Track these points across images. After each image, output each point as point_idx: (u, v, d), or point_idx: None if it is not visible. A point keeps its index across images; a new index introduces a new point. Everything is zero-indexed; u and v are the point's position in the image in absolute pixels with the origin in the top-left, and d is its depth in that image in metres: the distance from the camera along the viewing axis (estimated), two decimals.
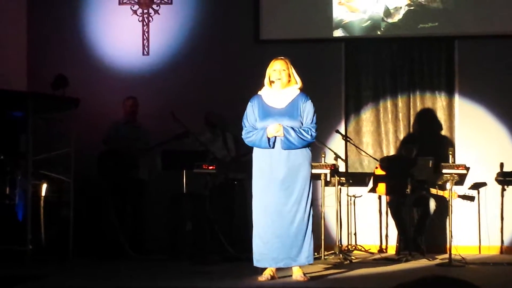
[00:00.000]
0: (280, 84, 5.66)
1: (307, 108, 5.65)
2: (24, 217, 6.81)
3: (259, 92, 5.78)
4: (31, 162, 6.75)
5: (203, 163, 7.19)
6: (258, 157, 5.67)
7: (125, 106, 8.21)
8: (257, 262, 5.61)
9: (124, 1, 8.91)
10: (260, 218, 5.59)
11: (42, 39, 8.85)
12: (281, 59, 5.71)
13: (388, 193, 7.87)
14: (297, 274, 5.59)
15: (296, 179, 5.56)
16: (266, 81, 5.72)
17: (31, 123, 6.77)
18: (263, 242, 5.55)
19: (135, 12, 8.88)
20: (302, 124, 5.61)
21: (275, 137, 5.55)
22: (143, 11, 8.88)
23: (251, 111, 5.70)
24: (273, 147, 5.56)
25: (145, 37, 8.84)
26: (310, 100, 5.68)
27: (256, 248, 5.59)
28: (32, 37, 8.89)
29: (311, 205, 5.64)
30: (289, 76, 5.68)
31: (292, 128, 5.53)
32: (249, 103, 5.74)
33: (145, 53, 8.82)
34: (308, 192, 5.60)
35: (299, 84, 5.72)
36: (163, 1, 8.90)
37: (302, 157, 5.61)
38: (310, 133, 5.58)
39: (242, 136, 5.74)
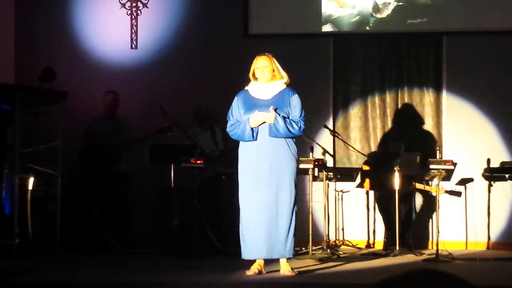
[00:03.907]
0: (264, 80, 5.69)
1: (294, 102, 5.68)
2: (11, 211, 6.78)
3: (246, 87, 5.80)
4: (18, 156, 6.71)
5: (191, 157, 7.18)
6: (244, 151, 5.68)
7: (105, 100, 8.15)
8: (244, 254, 5.62)
9: None
10: (247, 211, 5.59)
11: (30, 32, 8.80)
12: (264, 55, 5.73)
13: (375, 188, 7.88)
14: (284, 269, 5.59)
15: (281, 173, 5.57)
16: (250, 76, 5.75)
17: (19, 116, 6.74)
18: (251, 235, 5.55)
19: (123, 5, 8.84)
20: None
21: (258, 128, 5.56)
22: (131, 4, 8.84)
23: (236, 105, 5.74)
24: (255, 139, 5.57)
25: (133, 31, 8.81)
26: (297, 94, 5.71)
27: (243, 241, 5.60)
28: (20, 30, 8.84)
29: (296, 199, 5.65)
30: (273, 71, 5.70)
31: (283, 117, 5.54)
32: (235, 97, 5.77)
33: (133, 46, 8.79)
34: (294, 186, 5.61)
35: (285, 79, 5.74)
36: None
37: (287, 151, 5.63)
38: (299, 125, 5.60)
39: (227, 130, 5.79)
